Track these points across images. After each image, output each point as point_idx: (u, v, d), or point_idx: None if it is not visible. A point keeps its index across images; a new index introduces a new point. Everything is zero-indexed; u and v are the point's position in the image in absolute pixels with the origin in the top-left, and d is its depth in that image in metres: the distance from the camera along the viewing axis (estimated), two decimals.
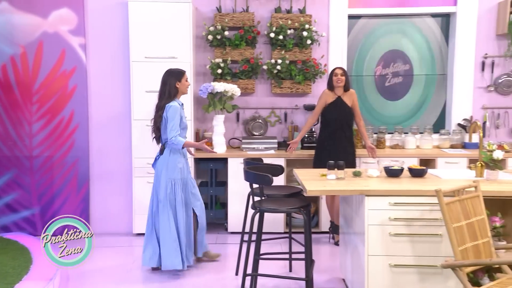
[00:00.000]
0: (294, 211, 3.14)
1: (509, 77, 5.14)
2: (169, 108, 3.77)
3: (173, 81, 3.83)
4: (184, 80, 3.88)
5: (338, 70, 4.48)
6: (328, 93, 4.54)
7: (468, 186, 2.75)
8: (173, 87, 3.83)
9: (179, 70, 3.91)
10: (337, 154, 4.29)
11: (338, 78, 4.44)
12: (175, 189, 3.82)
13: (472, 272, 2.90)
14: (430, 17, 5.33)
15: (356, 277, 3.16)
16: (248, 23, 5.07)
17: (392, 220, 2.91)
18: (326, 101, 4.51)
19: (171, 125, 3.74)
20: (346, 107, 4.48)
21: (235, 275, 3.76)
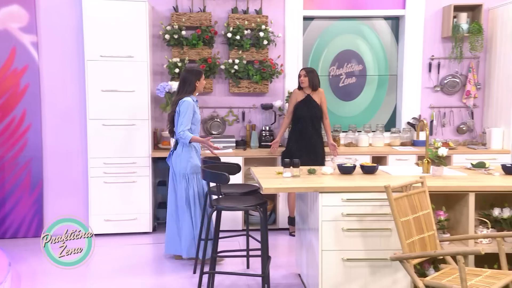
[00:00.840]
0: (251, 209, 3.21)
1: (454, 78, 5.42)
2: (182, 102, 3.88)
3: (194, 79, 3.97)
4: (203, 79, 4.03)
5: (302, 72, 4.69)
6: (298, 92, 4.74)
7: (415, 182, 2.90)
8: (193, 85, 3.96)
9: (199, 70, 4.12)
10: (307, 149, 4.52)
11: (302, 80, 4.67)
12: (189, 184, 3.91)
13: (419, 263, 3.07)
14: (382, 19, 5.53)
15: (310, 272, 3.26)
16: (205, 23, 5.09)
17: (345, 216, 3.02)
18: (296, 99, 4.70)
19: (181, 120, 3.84)
20: (315, 104, 4.67)
21: (193, 274, 3.79)
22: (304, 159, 4.31)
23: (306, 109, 4.68)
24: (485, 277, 2.55)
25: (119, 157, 4.83)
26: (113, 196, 4.83)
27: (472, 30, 5.15)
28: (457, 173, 3.45)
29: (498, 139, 5.06)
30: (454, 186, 3.07)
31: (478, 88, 5.40)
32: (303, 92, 4.72)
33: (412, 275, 2.60)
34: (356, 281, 3.02)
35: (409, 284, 3.02)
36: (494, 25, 5.22)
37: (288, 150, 4.71)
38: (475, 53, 5.32)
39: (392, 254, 2.70)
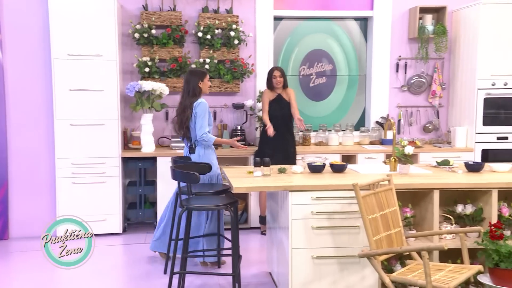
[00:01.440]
0: (221, 208, 3.21)
1: (420, 78, 5.55)
2: (197, 105, 3.82)
3: (196, 80, 3.90)
4: (207, 80, 3.95)
5: (277, 73, 4.68)
6: (269, 92, 4.76)
7: (382, 180, 2.97)
8: (197, 87, 3.89)
9: (202, 71, 4.01)
10: (280, 148, 4.55)
11: (277, 81, 4.67)
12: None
13: (387, 260, 3.14)
14: (352, 20, 5.62)
15: (281, 270, 3.29)
16: (176, 22, 5.06)
17: (315, 214, 3.06)
18: (269, 98, 4.72)
19: (201, 123, 3.78)
20: (287, 103, 4.71)
21: (163, 274, 3.77)
22: (277, 158, 4.36)
23: (278, 109, 4.72)
24: (448, 271, 2.63)
25: (88, 157, 4.75)
26: (82, 197, 4.75)
27: (437, 32, 5.30)
28: (423, 171, 3.55)
29: (462, 138, 5.21)
30: (420, 183, 3.15)
31: (443, 88, 5.55)
32: (274, 92, 4.74)
33: (379, 271, 2.66)
34: (325, 279, 3.07)
35: (377, 280, 3.09)
36: (457, 27, 5.38)
37: (261, 150, 4.73)
38: (440, 54, 5.47)
39: (360, 251, 2.76)
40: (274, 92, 4.74)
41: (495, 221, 3.05)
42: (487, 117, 5.12)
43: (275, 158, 4.33)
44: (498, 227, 2.85)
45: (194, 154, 3.92)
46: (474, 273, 2.63)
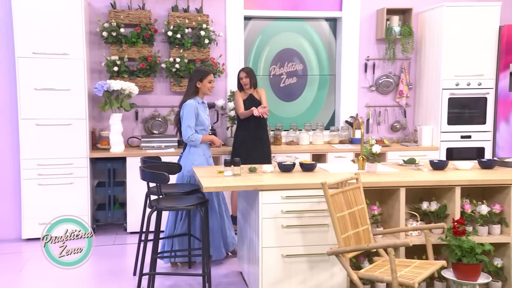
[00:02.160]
0: (191, 208, 3.20)
1: (388, 78, 5.67)
2: (184, 106, 3.86)
3: (195, 80, 3.90)
4: (207, 81, 3.91)
5: (242, 74, 4.67)
6: (240, 93, 4.73)
7: (350, 179, 3.02)
8: (194, 86, 3.90)
9: (204, 70, 3.97)
10: (255, 148, 4.52)
11: (244, 81, 4.66)
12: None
13: (355, 257, 3.20)
14: (323, 20, 5.68)
15: (251, 269, 3.31)
16: (145, 21, 5.01)
17: (284, 212, 3.08)
18: (242, 98, 4.69)
19: (186, 124, 3.82)
20: (259, 103, 4.68)
21: (133, 276, 3.72)
22: (253, 158, 4.36)
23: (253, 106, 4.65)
24: (413, 267, 2.70)
25: (55, 158, 4.65)
26: (48, 199, 4.64)
27: (403, 33, 5.41)
28: (390, 169, 3.62)
29: (428, 137, 5.35)
30: (387, 181, 3.21)
31: (410, 88, 5.68)
32: (244, 93, 4.74)
33: (347, 268, 2.70)
34: (295, 277, 3.10)
35: (346, 277, 3.13)
36: (423, 28, 5.52)
37: (235, 150, 4.69)
38: (407, 55, 5.59)
39: (329, 249, 2.79)
40: (245, 93, 4.74)
41: (458, 217, 3.14)
42: (452, 117, 5.27)
43: (251, 158, 4.35)
44: (461, 223, 2.93)
45: (183, 152, 3.99)
46: (438, 269, 2.70)
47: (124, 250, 4.43)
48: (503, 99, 5.25)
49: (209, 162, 4.06)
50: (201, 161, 3.94)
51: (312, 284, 3.11)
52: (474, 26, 5.14)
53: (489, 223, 3.28)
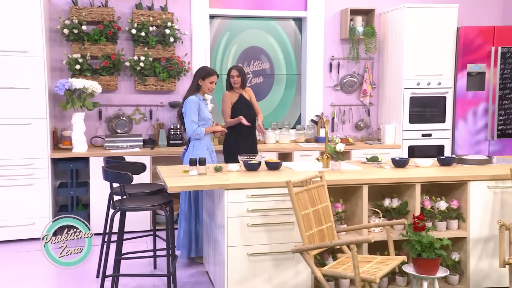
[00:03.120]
0: (156, 208, 3.17)
1: (352, 78, 5.77)
2: (186, 102, 3.93)
3: (197, 78, 3.99)
4: (208, 81, 3.98)
5: (234, 72, 4.50)
6: (230, 94, 4.55)
7: (315, 177, 3.05)
8: (195, 84, 3.99)
9: (208, 70, 4.03)
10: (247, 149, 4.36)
11: (235, 80, 4.50)
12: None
13: (319, 254, 3.24)
14: (289, 20, 5.72)
15: (217, 269, 3.30)
16: (108, 18, 4.91)
17: (250, 211, 3.09)
18: (231, 102, 4.53)
19: (189, 119, 3.90)
20: (250, 103, 4.58)
21: (96, 278, 3.65)
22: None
23: (245, 109, 4.52)
24: (375, 263, 2.76)
25: (14, 158, 4.50)
26: (8, 200, 4.50)
27: (366, 33, 5.52)
28: (354, 167, 3.69)
29: (391, 135, 5.48)
30: (350, 179, 3.27)
31: (373, 87, 5.80)
32: (234, 93, 4.56)
33: (311, 265, 2.74)
34: (260, 275, 3.11)
35: (310, 274, 3.17)
36: (385, 29, 5.64)
37: (230, 152, 4.53)
38: (370, 55, 5.70)
39: (293, 247, 2.82)
40: (235, 93, 4.57)
41: (418, 213, 3.23)
42: (413, 115, 5.42)
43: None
44: (420, 219, 3.02)
45: (187, 149, 4.02)
46: (399, 264, 2.77)
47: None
48: (461, 99, 5.43)
49: (213, 156, 4.12)
50: (204, 155, 3.96)
51: (277, 282, 3.14)
52: (433, 27, 5.30)
53: (447, 218, 3.40)
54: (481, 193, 3.35)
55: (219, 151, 4.66)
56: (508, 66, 5.40)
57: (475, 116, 5.45)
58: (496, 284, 3.38)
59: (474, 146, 5.47)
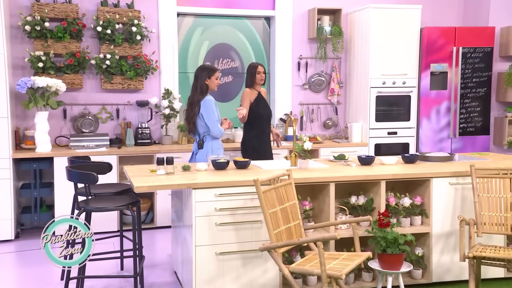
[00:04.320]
0: (122, 209, 3.12)
1: (320, 77, 5.83)
2: (204, 103, 3.95)
3: (204, 77, 3.99)
4: (214, 78, 4.02)
5: (261, 68, 4.49)
6: (250, 91, 4.50)
7: (282, 175, 3.07)
8: (203, 84, 3.99)
9: (211, 68, 4.07)
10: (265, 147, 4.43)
11: (262, 77, 4.48)
12: None
13: (287, 252, 3.27)
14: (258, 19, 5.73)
15: (185, 268, 3.28)
16: (72, 15, 4.80)
17: (218, 210, 3.08)
18: (250, 99, 4.48)
19: (213, 120, 3.94)
20: (266, 101, 4.59)
21: (60, 280, 3.57)
22: (263, 157, 4.31)
23: (265, 108, 4.53)
24: (342, 259, 2.80)
25: None
26: None
27: (333, 33, 5.59)
28: (321, 165, 3.73)
29: (358, 133, 5.57)
30: (317, 177, 3.31)
31: (341, 86, 5.88)
32: (254, 90, 4.52)
33: (279, 263, 2.75)
34: (229, 274, 3.11)
35: (278, 272, 3.19)
36: (352, 29, 5.73)
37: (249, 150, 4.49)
38: (337, 54, 5.78)
39: (261, 245, 2.83)
40: (254, 91, 4.52)
41: (383, 210, 3.29)
42: (379, 114, 5.52)
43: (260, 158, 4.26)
44: (385, 215, 3.08)
45: (202, 149, 4.02)
46: (364, 260, 2.82)
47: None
48: (425, 97, 5.57)
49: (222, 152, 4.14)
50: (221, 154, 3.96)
51: (245, 281, 3.15)
52: (398, 27, 5.42)
53: (411, 214, 3.48)
54: (443, 190, 3.45)
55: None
56: (468, 66, 5.58)
57: (438, 114, 5.60)
58: (457, 278, 3.49)
59: (437, 143, 5.62)
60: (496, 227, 3.17)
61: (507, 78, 5.73)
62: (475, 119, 5.67)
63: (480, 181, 3.24)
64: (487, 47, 5.60)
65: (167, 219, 4.84)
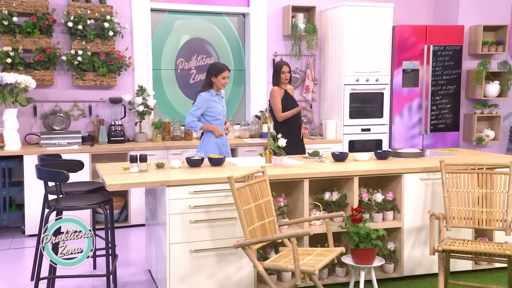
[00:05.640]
0: (94, 207, 3.07)
1: (295, 74, 5.86)
2: (198, 96, 4.14)
3: (211, 74, 4.12)
4: (221, 77, 4.10)
5: (286, 68, 4.53)
6: (278, 89, 4.58)
7: (257, 172, 3.08)
8: (209, 80, 4.13)
9: (220, 67, 4.13)
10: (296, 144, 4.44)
11: (286, 76, 4.53)
12: None
13: (262, 248, 3.28)
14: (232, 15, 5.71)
15: (159, 267, 3.26)
16: (42, 10, 4.70)
17: (192, 208, 3.07)
18: (280, 97, 4.54)
19: (189, 111, 4.10)
20: (293, 98, 4.65)
21: (30, 281, 3.50)
22: (295, 153, 4.30)
23: (291, 105, 4.57)
24: (315, 255, 2.83)
25: None
26: None
27: (308, 30, 5.62)
28: (295, 162, 3.75)
29: (332, 130, 5.62)
30: (291, 174, 3.33)
31: (315, 83, 5.92)
32: (281, 89, 4.58)
33: (253, 259, 2.76)
34: (203, 271, 3.11)
35: (253, 269, 3.20)
36: (326, 26, 5.77)
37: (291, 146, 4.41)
38: (312, 51, 5.81)
39: (235, 242, 2.84)
40: (281, 89, 4.58)
41: (356, 205, 3.34)
42: (353, 111, 5.59)
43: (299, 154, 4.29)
44: (358, 211, 3.12)
45: (202, 142, 4.22)
46: (338, 255, 2.86)
47: (21, 254, 4.15)
48: (397, 95, 5.67)
49: (222, 150, 4.24)
50: (213, 149, 4.15)
51: (220, 278, 3.15)
52: (371, 25, 5.48)
53: (383, 210, 3.54)
54: (414, 185, 3.51)
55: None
56: (439, 63, 5.70)
57: (410, 111, 5.70)
58: (427, 271, 3.57)
59: (409, 140, 5.73)
60: (465, 221, 3.25)
61: (476, 76, 5.88)
62: (446, 116, 5.79)
63: (450, 177, 3.31)
64: (456, 45, 5.72)
65: (141, 218, 4.80)
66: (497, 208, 3.19)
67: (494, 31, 6.03)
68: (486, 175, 3.25)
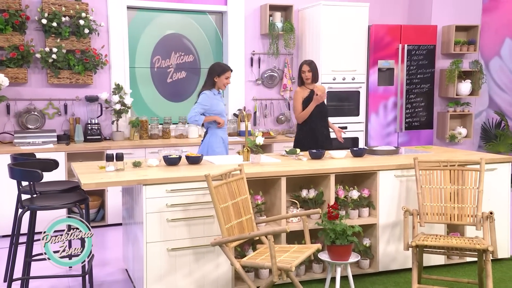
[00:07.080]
0: (69, 207, 3.04)
1: (273, 72, 5.89)
2: (201, 94, 4.14)
3: (214, 74, 4.13)
4: (224, 77, 4.13)
5: (305, 67, 4.39)
6: (301, 90, 4.43)
7: (234, 170, 3.09)
8: (212, 80, 4.13)
9: (223, 67, 4.16)
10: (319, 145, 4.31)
11: (306, 75, 4.39)
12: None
13: (240, 246, 3.30)
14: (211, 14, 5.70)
15: (136, 266, 3.25)
16: (14, 7, 4.61)
17: (170, 206, 3.07)
18: (302, 97, 4.40)
19: (192, 107, 4.08)
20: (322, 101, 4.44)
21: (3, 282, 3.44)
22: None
23: (315, 107, 4.37)
24: (292, 252, 2.86)
25: None
26: None
27: (285, 29, 5.65)
28: (273, 160, 3.78)
29: None
30: (269, 172, 3.35)
31: (293, 82, 5.96)
32: (305, 89, 4.43)
33: (230, 257, 2.77)
34: (180, 270, 3.11)
35: (230, 266, 3.22)
36: (303, 25, 5.82)
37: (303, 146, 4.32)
38: (289, 50, 5.85)
39: (212, 240, 2.85)
40: (306, 89, 4.43)
41: (333, 203, 3.38)
42: (330, 109, 5.59)
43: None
44: (334, 208, 3.17)
45: (204, 139, 4.20)
46: (314, 251, 2.89)
47: None
48: (373, 93, 5.75)
49: (227, 148, 4.29)
50: (219, 146, 4.16)
51: (197, 276, 3.15)
52: (347, 24, 5.55)
53: (359, 206, 3.60)
54: (389, 182, 3.58)
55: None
56: (413, 62, 5.80)
57: (385, 109, 5.80)
58: (401, 266, 3.64)
59: (385, 137, 5.82)
60: (437, 216, 3.33)
61: (449, 75, 6.01)
62: (420, 114, 5.91)
63: (423, 173, 3.39)
64: (430, 44, 5.84)
65: (118, 217, 4.75)
66: (468, 203, 3.28)
67: (466, 31, 6.17)
68: (458, 171, 3.34)
